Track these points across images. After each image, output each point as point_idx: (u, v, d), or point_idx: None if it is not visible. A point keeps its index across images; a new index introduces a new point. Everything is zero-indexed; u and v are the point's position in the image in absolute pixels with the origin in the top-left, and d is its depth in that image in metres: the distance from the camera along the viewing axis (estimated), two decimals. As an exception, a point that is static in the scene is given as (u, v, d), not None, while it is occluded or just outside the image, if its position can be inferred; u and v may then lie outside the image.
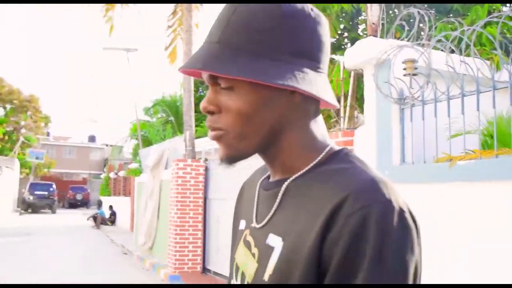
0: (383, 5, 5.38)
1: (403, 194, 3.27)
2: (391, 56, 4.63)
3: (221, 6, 1.04)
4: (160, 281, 10.14)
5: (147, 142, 21.54)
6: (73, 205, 45.55)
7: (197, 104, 8.36)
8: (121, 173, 27.01)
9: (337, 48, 6.69)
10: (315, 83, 0.97)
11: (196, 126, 15.31)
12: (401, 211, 0.89)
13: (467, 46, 4.21)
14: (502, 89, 3.92)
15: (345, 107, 5.65)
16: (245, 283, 1.04)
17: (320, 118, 1.04)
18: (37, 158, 41.61)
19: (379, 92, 4.76)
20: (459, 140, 4.18)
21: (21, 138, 38.97)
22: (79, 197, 45.81)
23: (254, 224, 1.07)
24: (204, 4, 14.57)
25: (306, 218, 0.92)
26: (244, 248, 1.08)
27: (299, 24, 0.96)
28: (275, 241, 0.97)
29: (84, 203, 45.80)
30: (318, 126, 1.03)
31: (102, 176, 36.34)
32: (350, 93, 5.59)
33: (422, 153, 4.46)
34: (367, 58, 4.89)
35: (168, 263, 10.67)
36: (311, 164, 0.99)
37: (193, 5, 13.73)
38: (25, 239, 17.59)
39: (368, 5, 5.31)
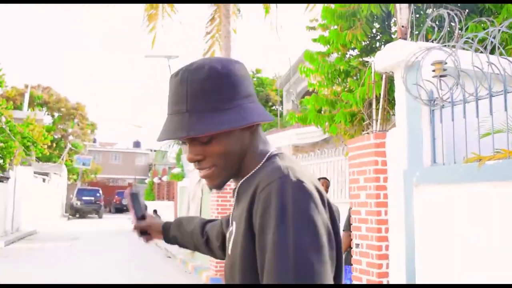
0: (412, 7, 5.42)
1: (435, 195, 3.39)
2: (419, 58, 4.67)
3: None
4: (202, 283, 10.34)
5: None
6: (119, 210, 46.31)
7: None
8: (165, 178, 27.50)
9: (369, 51, 6.74)
10: (260, 110, 1.32)
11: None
12: (299, 181, 1.20)
13: (495, 45, 4.22)
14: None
15: (377, 109, 5.70)
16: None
17: (260, 130, 1.37)
18: (84, 164, 42.61)
19: (409, 94, 4.80)
20: (490, 141, 4.19)
21: (69, 145, 39.97)
22: (124, 202, 46.56)
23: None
24: (242, 10, 14.76)
25: (242, 205, 1.31)
26: None
27: (235, 74, 1.29)
28: (233, 226, 1.36)
29: (129, 208, 46.60)
30: (261, 139, 1.38)
31: (147, 181, 36.97)
32: (382, 96, 5.64)
33: (453, 154, 4.48)
34: (397, 61, 4.93)
35: (209, 266, 10.86)
36: (255, 169, 1.35)
37: (231, 11, 13.96)
38: (72, 243, 18.11)
39: (397, 7, 5.35)
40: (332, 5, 6.75)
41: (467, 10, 6.20)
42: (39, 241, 19.13)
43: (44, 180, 28.93)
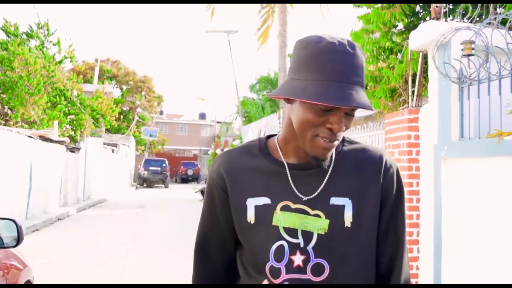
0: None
1: (460, 168, 3.93)
2: (447, 39, 4.90)
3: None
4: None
5: (249, 119, 22.41)
6: (185, 180, 47.34)
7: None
8: (226, 149, 28.17)
9: (413, 28, 6.93)
10: None
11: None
12: None
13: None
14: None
15: (413, 86, 5.95)
16: (314, 237, 1.40)
17: None
18: (151, 135, 43.92)
19: (439, 73, 5.05)
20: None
21: (136, 117, 41.34)
22: (190, 172, 47.54)
23: (303, 197, 1.42)
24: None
25: (362, 180, 1.44)
26: (294, 214, 1.41)
27: None
28: (342, 201, 1.42)
29: (194, 178, 47.57)
30: None
31: (210, 152, 37.88)
32: (418, 72, 5.87)
33: (479, 129, 4.73)
34: (428, 40, 5.17)
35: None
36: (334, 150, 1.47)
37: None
38: (138, 211, 19.05)
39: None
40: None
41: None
42: (108, 208, 20.22)
43: (113, 150, 30.13)
